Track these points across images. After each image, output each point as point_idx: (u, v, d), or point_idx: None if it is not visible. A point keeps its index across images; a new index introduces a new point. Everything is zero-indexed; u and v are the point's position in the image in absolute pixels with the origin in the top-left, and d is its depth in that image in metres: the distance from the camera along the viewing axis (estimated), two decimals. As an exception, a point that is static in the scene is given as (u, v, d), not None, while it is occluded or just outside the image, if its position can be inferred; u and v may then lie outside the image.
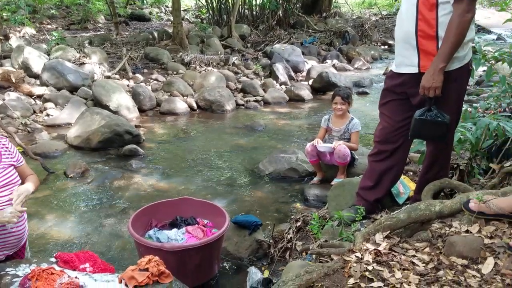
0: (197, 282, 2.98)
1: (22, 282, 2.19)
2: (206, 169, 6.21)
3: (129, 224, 3.25)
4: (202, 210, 3.74)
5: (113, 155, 6.64)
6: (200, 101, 9.54)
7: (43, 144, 6.74)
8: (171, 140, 7.61)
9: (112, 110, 8.08)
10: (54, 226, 4.44)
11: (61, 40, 12.15)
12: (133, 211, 4.37)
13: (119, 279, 2.32)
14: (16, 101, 8.13)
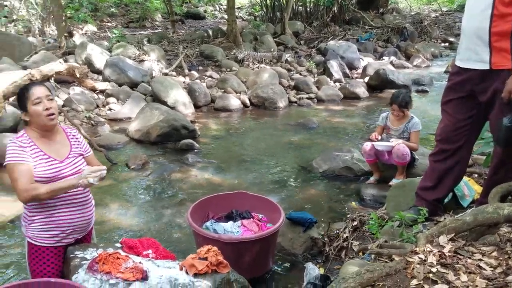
0: (252, 275, 3.00)
1: (90, 265, 2.31)
2: (258, 165, 6.25)
3: (187, 214, 3.34)
4: (257, 204, 3.77)
5: (171, 149, 6.84)
6: (253, 98, 9.60)
7: (107, 137, 7.08)
8: (224, 135, 7.73)
9: (169, 105, 8.32)
10: (117, 214, 4.65)
11: (121, 38, 12.68)
12: (190, 202, 4.49)
13: (180, 266, 2.38)
14: (80, 95, 8.58)
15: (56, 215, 2.41)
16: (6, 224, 4.31)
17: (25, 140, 2.39)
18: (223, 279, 2.36)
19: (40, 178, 2.34)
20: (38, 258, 2.46)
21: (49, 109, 2.39)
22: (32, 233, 2.43)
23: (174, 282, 2.23)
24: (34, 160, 2.35)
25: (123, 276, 2.20)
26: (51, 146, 2.46)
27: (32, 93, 2.37)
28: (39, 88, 2.42)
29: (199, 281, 2.28)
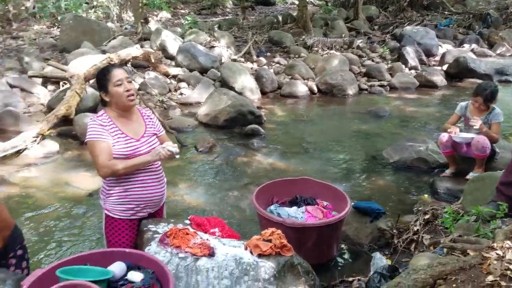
0: (315, 261, 2.96)
1: (161, 238, 2.41)
2: (324, 152, 6.15)
3: (253, 197, 3.37)
4: (322, 191, 3.71)
5: (237, 133, 6.94)
6: (321, 84, 9.43)
7: (177, 120, 7.35)
8: (290, 122, 7.69)
9: (237, 91, 8.43)
10: (186, 193, 4.83)
11: (193, 24, 13.01)
12: (254, 186, 4.54)
13: (244, 246, 2.42)
14: (154, 79, 8.96)
15: (131, 190, 2.54)
16: (85, 197, 4.65)
17: (105, 119, 2.52)
18: (286, 262, 2.36)
19: (118, 155, 2.47)
20: (114, 230, 2.62)
21: (129, 90, 2.50)
22: (109, 206, 2.59)
23: (239, 260, 2.27)
24: (113, 138, 2.48)
25: (192, 251, 2.28)
26: (128, 126, 2.57)
27: (114, 75, 2.48)
28: (120, 70, 2.54)
29: (263, 262, 2.29)
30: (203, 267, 2.22)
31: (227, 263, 2.25)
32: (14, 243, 2.31)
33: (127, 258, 2.12)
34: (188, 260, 2.25)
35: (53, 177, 5.15)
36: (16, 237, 2.33)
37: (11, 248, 2.29)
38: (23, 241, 2.39)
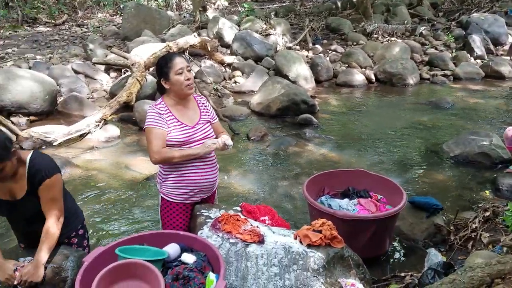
0: (366, 255, 2.90)
1: (213, 223, 2.47)
2: (380, 144, 5.98)
3: (304, 187, 3.35)
4: (376, 184, 3.61)
5: (289, 123, 6.92)
6: (380, 73, 9.13)
7: (231, 108, 7.45)
8: (345, 112, 7.53)
9: (291, 79, 8.38)
10: (237, 180, 4.91)
11: (250, 12, 13.03)
12: (305, 176, 4.52)
13: (294, 235, 2.42)
14: (210, 68, 9.11)
15: (186, 175, 2.62)
16: (143, 181, 4.85)
17: (163, 107, 2.60)
18: (336, 254, 2.34)
19: (174, 142, 2.55)
20: (169, 213, 2.72)
21: (189, 79, 2.56)
22: (165, 190, 2.69)
23: (288, 249, 2.28)
24: (169, 126, 2.55)
25: (242, 237, 2.32)
26: (184, 113, 2.64)
27: (175, 63, 2.53)
28: (181, 59, 2.59)
29: (313, 252, 2.28)
30: (253, 253, 2.25)
31: (276, 251, 2.27)
32: (75, 223, 2.46)
33: (181, 240, 2.19)
34: (238, 246, 2.29)
35: (114, 160, 5.42)
36: (76, 218, 2.48)
37: (73, 228, 2.44)
38: (83, 221, 2.55)
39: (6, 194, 2.17)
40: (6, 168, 2.03)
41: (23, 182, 2.14)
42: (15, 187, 2.15)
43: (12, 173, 2.09)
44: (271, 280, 2.15)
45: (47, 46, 11.25)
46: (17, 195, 2.16)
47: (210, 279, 1.93)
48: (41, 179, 2.12)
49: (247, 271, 2.18)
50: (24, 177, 2.14)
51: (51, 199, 2.18)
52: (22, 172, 2.13)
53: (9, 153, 2.03)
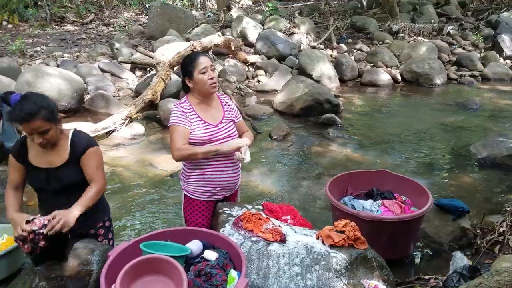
0: (390, 256, 2.86)
1: (235, 221, 2.48)
2: (405, 145, 5.88)
3: (326, 187, 3.33)
4: (401, 186, 3.55)
5: (312, 122, 6.87)
6: (406, 73, 8.98)
7: (253, 107, 7.45)
8: (369, 112, 7.44)
9: (314, 79, 8.32)
10: (259, 179, 4.91)
11: (274, 11, 13.02)
12: (328, 176, 4.48)
13: (316, 235, 2.40)
14: (233, 67, 9.14)
15: (209, 173, 2.64)
16: (166, 178, 4.91)
17: (187, 105, 2.63)
18: (359, 255, 2.31)
19: (197, 140, 2.57)
20: (192, 210, 2.74)
21: (213, 78, 2.58)
22: (188, 187, 2.72)
23: (310, 249, 2.26)
24: (192, 124, 2.58)
25: (264, 236, 2.32)
26: (207, 112, 2.66)
27: (200, 63, 2.55)
28: (205, 58, 2.61)
29: (335, 253, 2.26)
30: (275, 252, 2.24)
31: (298, 250, 2.26)
32: (103, 214, 2.51)
33: (203, 237, 2.21)
34: (260, 244, 2.29)
35: (138, 157, 5.51)
36: (105, 209, 2.54)
37: (100, 218, 2.49)
38: (110, 214, 2.60)
39: (45, 163, 2.27)
40: (51, 131, 2.16)
41: (64, 152, 2.28)
42: (54, 156, 2.27)
43: (54, 141, 2.22)
44: (292, 280, 2.14)
45: (74, 45, 11.52)
46: (55, 164, 2.27)
47: (232, 276, 1.94)
48: (85, 147, 2.28)
49: (269, 270, 2.18)
50: (66, 147, 2.28)
51: (96, 166, 2.31)
52: (64, 143, 2.28)
53: (57, 118, 2.20)
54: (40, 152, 2.26)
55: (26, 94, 2.19)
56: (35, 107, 2.09)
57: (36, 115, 2.08)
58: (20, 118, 2.09)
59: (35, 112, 2.08)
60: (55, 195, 2.31)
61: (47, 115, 2.13)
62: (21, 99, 2.14)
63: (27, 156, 2.28)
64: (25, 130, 2.14)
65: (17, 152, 2.29)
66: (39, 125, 2.11)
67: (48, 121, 2.14)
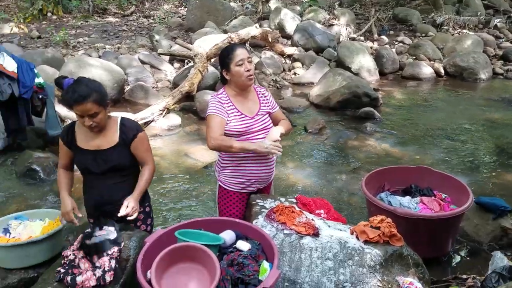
0: (426, 254, 2.78)
1: (268, 213, 2.48)
2: (446, 141, 5.68)
3: (362, 182, 3.27)
4: (441, 183, 3.43)
5: (349, 116, 6.76)
6: (449, 67, 8.65)
7: (289, 100, 7.41)
8: (410, 106, 7.23)
9: (353, 71, 8.17)
10: (293, 172, 4.89)
11: (313, 2, 12.82)
12: (364, 171, 4.41)
13: (350, 230, 2.37)
14: (270, 59, 9.11)
15: (243, 165, 2.66)
16: (202, 168, 4.98)
17: (224, 97, 2.65)
18: (395, 252, 2.26)
19: (233, 131, 2.59)
20: (226, 200, 2.77)
21: (249, 71, 2.58)
22: (223, 179, 2.75)
23: (344, 244, 2.23)
24: (229, 116, 2.60)
25: (296, 229, 2.31)
26: (244, 104, 2.67)
27: (236, 55, 2.56)
28: (242, 50, 2.61)
29: (370, 249, 2.22)
30: (307, 246, 2.23)
31: (331, 245, 2.23)
32: (143, 200, 2.58)
33: (236, 227, 2.23)
34: (292, 237, 2.28)
35: (175, 148, 5.61)
36: (146, 195, 2.61)
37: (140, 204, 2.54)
38: (150, 201, 2.68)
39: (93, 146, 2.39)
40: (100, 114, 2.28)
41: (113, 135, 2.40)
42: (103, 140, 2.39)
43: (102, 125, 2.34)
44: (325, 274, 2.13)
45: (115, 36, 11.82)
46: (103, 146, 2.39)
47: (264, 267, 1.94)
48: (135, 132, 2.40)
49: (301, 263, 2.17)
50: (115, 131, 2.40)
51: (146, 149, 2.46)
52: (113, 127, 2.40)
53: (107, 102, 2.32)
54: (89, 136, 2.38)
55: (79, 78, 2.32)
56: (87, 89, 2.20)
57: (88, 97, 2.19)
58: (72, 99, 2.19)
59: (87, 94, 2.19)
60: (102, 176, 2.43)
61: (98, 98, 2.23)
62: (74, 83, 2.26)
63: (75, 140, 2.41)
64: (76, 112, 2.25)
65: (65, 136, 2.43)
66: (90, 107, 2.21)
67: (98, 104, 2.24)
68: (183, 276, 1.93)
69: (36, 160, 4.75)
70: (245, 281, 1.92)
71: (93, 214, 2.58)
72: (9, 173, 4.80)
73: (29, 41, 10.90)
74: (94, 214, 2.56)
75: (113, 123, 2.42)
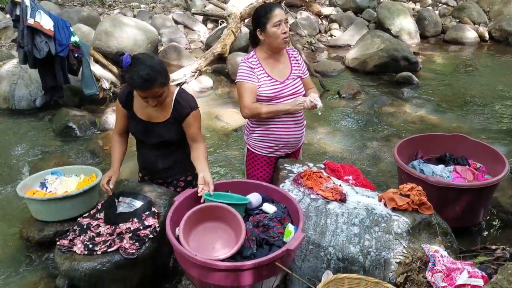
0: (456, 224, 2.72)
1: (295, 178, 2.49)
2: (486, 109, 5.43)
3: (394, 149, 3.19)
4: (476, 152, 3.31)
5: (386, 81, 6.55)
6: (495, 31, 8.15)
7: (323, 63, 7.23)
8: (450, 72, 6.91)
9: (392, 34, 7.85)
10: (323, 138, 4.84)
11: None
12: (397, 138, 4.30)
13: (379, 197, 2.34)
14: (305, 20, 8.85)
15: (272, 129, 2.64)
16: (232, 131, 5.00)
17: (254, 61, 2.58)
18: (423, 220, 2.22)
19: (263, 97, 2.56)
20: (254, 164, 2.79)
21: (286, 33, 2.50)
22: (251, 142, 2.75)
23: (371, 210, 2.22)
24: (259, 80, 2.55)
25: (323, 194, 2.31)
26: (274, 67, 2.61)
27: (275, 15, 2.47)
28: (280, 11, 2.51)
29: (397, 216, 2.20)
30: (333, 211, 2.23)
31: (358, 211, 2.22)
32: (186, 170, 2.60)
33: (263, 190, 2.25)
34: (319, 202, 2.28)
35: (206, 110, 5.63)
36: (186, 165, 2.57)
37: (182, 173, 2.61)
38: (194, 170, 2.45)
39: (146, 116, 2.38)
40: (164, 93, 2.23)
41: (167, 109, 2.35)
42: (156, 113, 2.35)
43: (164, 101, 2.29)
44: (350, 239, 2.13)
45: (151, -4, 11.76)
46: (156, 119, 2.37)
47: (289, 230, 1.97)
48: (189, 110, 2.34)
49: (326, 227, 2.18)
50: (170, 106, 2.35)
51: (198, 128, 2.42)
52: (168, 102, 2.34)
53: (169, 80, 2.25)
54: (144, 105, 2.32)
55: (136, 56, 2.18)
56: (153, 73, 2.10)
57: (154, 82, 2.12)
58: (138, 85, 2.12)
59: (154, 79, 2.11)
60: (152, 148, 2.47)
61: (163, 80, 2.17)
62: (133, 63, 2.13)
63: (133, 105, 2.39)
64: (141, 95, 2.19)
65: (124, 99, 2.40)
66: (157, 91, 2.16)
67: (164, 86, 2.19)
68: (210, 234, 1.99)
69: (72, 118, 4.91)
70: (270, 242, 1.95)
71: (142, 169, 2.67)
72: (47, 130, 4.99)
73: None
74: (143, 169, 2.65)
75: (170, 97, 2.34)
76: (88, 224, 2.25)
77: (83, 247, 2.13)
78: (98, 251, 2.10)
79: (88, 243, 2.14)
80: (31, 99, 5.39)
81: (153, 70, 2.11)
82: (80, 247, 2.13)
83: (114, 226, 2.20)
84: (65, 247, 2.16)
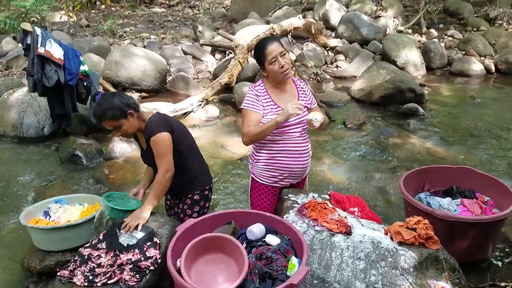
0: (464, 259, 2.66)
1: (300, 209, 2.46)
2: (493, 141, 5.40)
3: (401, 181, 3.16)
4: (484, 185, 3.26)
5: (392, 112, 6.55)
6: (501, 63, 8.19)
7: (329, 94, 7.27)
8: (457, 104, 6.91)
9: (398, 65, 7.90)
10: (329, 168, 4.81)
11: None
12: (404, 170, 4.26)
13: (385, 230, 2.30)
14: (312, 51, 8.96)
15: (277, 158, 2.63)
16: (237, 160, 5.00)
17: (261, 89, 2.64)
18: (430, 255, 2.17)
19: (269, 124, 2.57)
20: (258, 193, 2.77)
21: (283, 66, 2.54)
22: (256, 171, 2.74)
23: (377, 244, 2.17)
24: (265, 108, 2.59)
25: (328, 226, 2.27)
26: (281, 96, 2.64)
27: (269, 53, 2.52)
28: (273, 46, 2.53)
29: (404, 250, 2.15)
30: (338, 244, 2.19)
31: (363, 244, 2.18)
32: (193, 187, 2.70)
33: (267, 221, 2.22)
34: (324, 234, 2.25)
35: (212, 139, 5.65)
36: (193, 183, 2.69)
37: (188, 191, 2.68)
38: (203, 188, 2.74)
39: (142, 143, 2.66)
40: (123, 126, 2.45)
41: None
42: (142, 140, 2.63)
43: (131, 132, 2.52)
44: (355, 274, 2.08)
45: (161, 27, 12.05)
46: (144, 146, 2.64)
47: (293, 263, 1.93)
48: (149, 135, 2.46)
49: (331, 261, 2.13)
50: None
51: (157, 154, 2.49)
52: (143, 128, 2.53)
53: (127, 112, 2.43)
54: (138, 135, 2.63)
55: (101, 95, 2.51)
56: (100, 111, 2.41)
57: (103, 117, 2.42)
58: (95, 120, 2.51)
59: (101, 115, 2.41)
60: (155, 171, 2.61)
61: (114, 114, 2.40)
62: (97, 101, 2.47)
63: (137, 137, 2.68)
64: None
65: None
66: (109, 124, 2.44)
67: (116, 119, 2.42)
68: (212, 266, 1.95)
69: (79, 146, 4.93)
70: (273, 276, 1.91)
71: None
72: (54, 158, 5.01)
73: (78, 30, 11.33)
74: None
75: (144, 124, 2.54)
76: (89, 255, 2.22)
77: (83, 278, 2.10)
78: (98, 283, 2.07)
79: (88, 274, 2.11)
80: (39, 127, 5.44)
81: (103, 107, 2.40)
82: (80, 278, 2.10)
83: (115, 257, 2.17)
84: (65, 277, 2.13)
